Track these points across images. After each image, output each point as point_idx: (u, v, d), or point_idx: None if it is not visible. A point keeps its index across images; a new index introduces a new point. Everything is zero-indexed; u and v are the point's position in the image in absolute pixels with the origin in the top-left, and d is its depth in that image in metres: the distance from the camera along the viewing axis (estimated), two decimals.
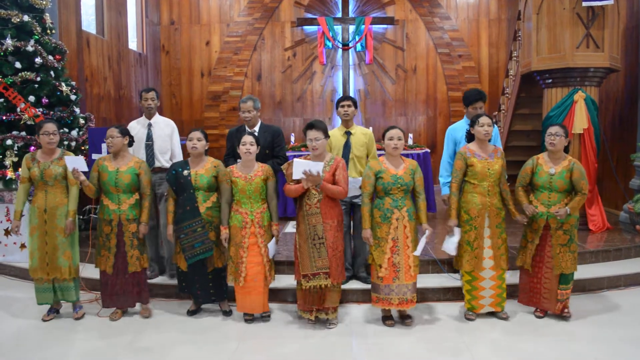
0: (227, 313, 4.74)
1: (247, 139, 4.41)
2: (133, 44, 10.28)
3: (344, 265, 4.49)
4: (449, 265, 5.24)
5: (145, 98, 5.37)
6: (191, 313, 4.79)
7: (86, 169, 4.48)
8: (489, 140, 4.46)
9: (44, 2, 6.60)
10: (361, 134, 5.06)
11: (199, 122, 10.68)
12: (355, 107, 5.07)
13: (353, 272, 5.20)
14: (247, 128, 5.08)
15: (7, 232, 6.27)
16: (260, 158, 4.59)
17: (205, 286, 4.65)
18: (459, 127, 5.05)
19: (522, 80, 7.28)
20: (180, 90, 11.01)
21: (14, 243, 6.28)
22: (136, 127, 5.41)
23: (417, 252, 4.25)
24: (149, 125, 5.38)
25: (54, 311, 4.80)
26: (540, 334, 4.23)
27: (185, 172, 4.54)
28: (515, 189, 4.54)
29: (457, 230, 4.39)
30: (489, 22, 10.81)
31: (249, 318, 4.58)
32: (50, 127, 4.56)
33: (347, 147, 5.00)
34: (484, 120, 4.35)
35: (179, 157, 5.38)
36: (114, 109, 9.22)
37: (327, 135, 4.38)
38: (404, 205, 4.26)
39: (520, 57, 7.41)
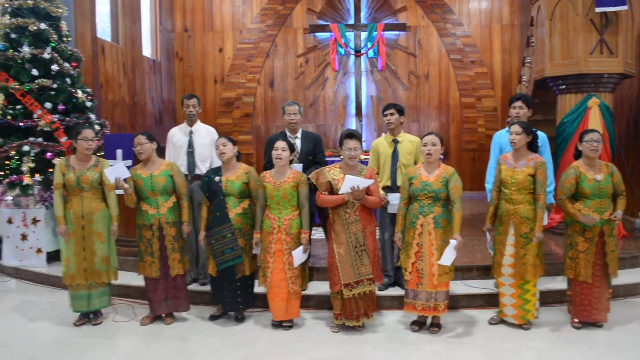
0: (240, 319, 4.73)
1: (279, 144, 4.41)
2: (147, 51, 10.37)
3: (380, 268, 4.54)
4: (468, 271, 5.23)
5: (187, 105, 5.37)
6: (213, 318, 4.77)
7: (127, 175, 4.49)
8: (534, 150, 4.38)
9: (60, 10, 6.69)
10: (408, 141, 5.00)
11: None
12: (401, 114, 5.02)
13: (395, 278, 5.17)
14: (288, 134, 5.09)
15: (24, 237, 6.35)
16: (304, 164, 4.62)
17: (234, 293, 4.62)
18: (504, 133, 4.95)
19: (535, 86, 7.25)
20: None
21: (30, 248, 6.34)
22: (177, 133, 5.43)
23: (442, 262, 4.16)
24: (191, 132, 5.38)
25: (84, 316, 4.78)
26: (578, 342, 4.19)
27: (217, 179, 4.55)
28: (561, 201, 4.38)
29: (488, 234, 4.47)
30: (502, 28, 10.79)
31: (275, 323, 4.57)
32: (89, 133, 4.59)
33: (394, 155, 4.95)
34: (512, 128, 4.32)
35: (218, 165, 5.38)
36: (129, 115, 9.30)
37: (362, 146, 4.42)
38: (431, 212, 4.22)
39: (533, 63, 7.39)
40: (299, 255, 4.37)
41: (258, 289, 4.72)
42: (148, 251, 4.60)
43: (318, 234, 5.62)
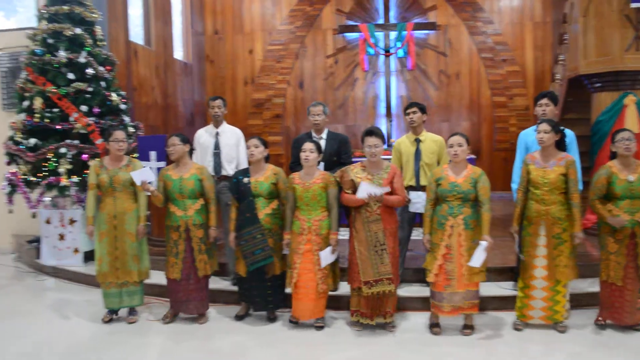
0: (272, 319, 4.77)
1: (307, 145, 4.44)
2: (179, 53, 10.51)
3: (399, 270, 4.50)
4: (501, 273, 5.14)
5: (212, 106, 5.44)
6: (239, 318, 4.82)
7: (153, 178, 4.60)
8: (562, 148, 4.30)
9: (95, 15, 6.83)
10: (431, 141, 4.97)
11: (243, 129, 10.47)
12: (423, 112, 4.99)
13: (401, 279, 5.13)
14: (314, 134, 5.10)
15: (61, 237, 6.51)
16: (328, 165, 4.61)
17: (264, 293, 4.66)
18: (530, 132, 4.85)
19: (569, 84, 7.12)
20: (225, 97, 11.17)
21: (68, 247, 6.51)
22: (204, 135, 5.49)
23: (472, 263, 4.13)
24: (217, 134, 5.44)
25: (112, 312, 4.90)
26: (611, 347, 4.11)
27: (246, 180, 4.60)
28: (591, 202, 4.32)
29: (516, 236, 4.37)
30: (534, 25, 10.60)
31: (294, 321, 4.59)
32: (120, 134, 4.70)
33: (417, 154, 4.93)
34: (541, 126, 4.24)
35: (244, 165, 5.37)
36: (161, 117, 9.44)
37: (384, 143, 4.39)
38: (460, 213, 4.19)
39: (567, 61, 7.26)
40: (326, 256, 4.38)
41: (288, 289, 4.72)
42: (173, 252, 4.69)
43: (347, 234, 5.61)
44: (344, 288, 5.07)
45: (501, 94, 10.56)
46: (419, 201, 4.77)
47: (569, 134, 4.66)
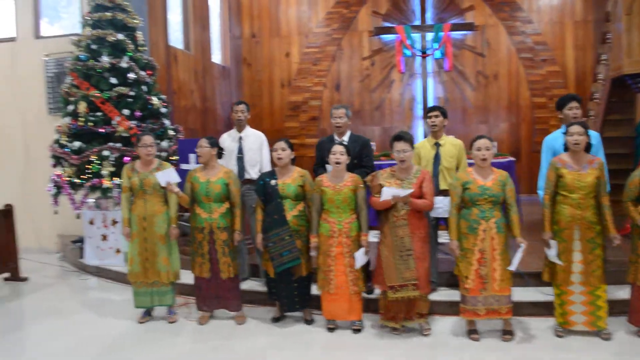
0: (309, 321, 4.79)
1: (337, 148, 4.43)
2: (217, 57, 10.67)
3: (429, 276, 4.43)
4: (534, 278, 5.03)
5: (235, 110, 5.51)
6: (275, 320, 4.86)
7: (178, 180, 4.68)
8: (588, 150, 4.20)
9: (136, 21, 6.99)
10: (451, 144, 4.95)
11: (280, 131, 10.89)
12: (445, 116, 4.96)
13: (437, 283, 5.08)
14: (336, 137, 5.10)
15: (104, 237, 6.67)
16: (348, 168, 4.60)
17: (291, 294, 4.69)
18: (557, 136, 4.76)
19: (612, 84, 6.95)
20: (262, 101, 11.30)
21: (110, 248, 6.67)
22: (227, 139, 5.56)
23: (512, 267, 4.11)
24: (240, 138, 5.51)
25: (147, 314, 5.02)
26: None
27: (273, 182, 4.62)
28: (625, 203, 4.22)
29: (553, 243, 4.20)
30: (575, 24, 10.36)
31: (332, 327, 4.60)
32: (148, 139, 4.82)
33: (436, 158, 4.90)
34: (574, 129, 4.12)
35: (268, 168, 5.43)
36: (200, 120, 9.59)
37: (413, 147, 4.34)
38: (492, 217, 4.14)
39: (609, 60, 7.08)
40: (361, 257, 4.38)
41: (315, 290, 4.74)
42: (199, 252, 4.77)
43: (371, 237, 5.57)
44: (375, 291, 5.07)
45: (541, 94, 10.35)
46: (440, 206, 4.70)
47: (595, 135, 4.56)
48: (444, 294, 5.02)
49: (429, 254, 4.44)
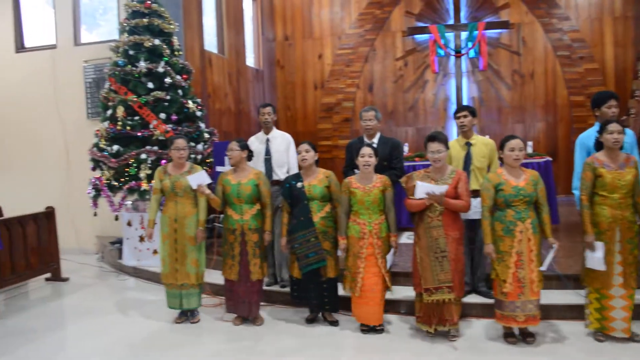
0: (334, 323, 4.77)
1: (365, 150, 4.43)
2: (250, 60, 10.76)
3: (464, 278, 4.39)
4: (574, 280, 4.91)
5: (262, 113, 5.56)
6: (309, 321, 4.86)
7: (209, 181, 4.74)
8: (621, 149, 4.09)
9: (172, 26, 7.09)
10: (482, 144, 4.88)
11: (313, 133, 10.93)
12: (473, 116, 4.90)
13: (472, 286, 5.02)
14: (365, 139, 5.08)
15: (142, 239, 6.79)
16: (378, 170, 4.58)
17: (320, 295, 4.71)
18: (591, 135, 4.57)
19: None
20: (295, 103, 11.36)
21: (147, 249, 6.77)
22: (255, 142, 5.58)
23: (544, 267, 4.05)
24: (267, 140, 5.55)
25: (184, 314, 5.08)
26: None
27: (299, 185, 4.65)
28: None
29: (599, 245, 4.06)
30: (614, 20, 10.10)
31: (365, 329, 4.56)
32: (181, 142, 4.89)
33: (467, 158, 4.84)
34: (613, 127, 4.01)
35: (295, 169, 5.42)
36: (234, 123, 9.68)
37: (447, 147, 4.30)
38: (528, 217, 4.06)
39: None
40: (390, 258, 4.40)
41: (342, 292, 4.72)
42: (230, 254, 4.80)
43: (405, 238, 5.52)
44: (401, 292, 5.07)
45: (579, 92, 10.12)
46: (471, 208, 4.60)
47: (630, 133, 4.43)
48: (475, 296, 4.97)
49: (463, 256, 4.40)
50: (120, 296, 6.08)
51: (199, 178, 4.70)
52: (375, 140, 5.08)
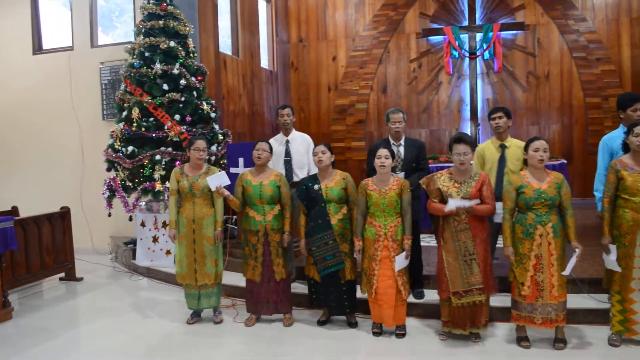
0: (353, 325, 4.76)
1: (382, 152, 4.39)
2: (264, 62, 10.78)
3: (493, 279, 4.35)
4: (594, 284, 4.86)
5: (281, 114, 5.56)
6: (321, 323, 4.85)
7: (228, 182, 4.71)
8: None
9: (187, 29, 7.12)
10: (517, 147, 4.83)
11: (326, 135, 10.93)
12: (508, 117, 4.85)
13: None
14: (392, 141, 5.06)
15: (155, 239, 6.82)
16: (406, 171, 4.56)
17: (340, 298, 4.67)
18: (615, 136, 4.54)
19: None
20: (309, 104, 11.37)
21: (160, 249, 6.80)
22: (274, 144, 5.54)
23: (566, 272, 3.99)
24: (287, 142, 5.55)
25: (196, 315, 5.11)
26: None
27: (316, 187, 4.62)
28: None
29: (612, 248, 4.03)
30: (631, 21, 9.96)
31: (377, 331, 4.55)
32: (201, 143, 4.88)
33: (502, 161, 4.79)
34: (639, 129, 3.94)
35: (315, 171, 5.32)
36: (248, 124, 9.71)
37: (473, 149, 4.26)
38: (549, 221, 4.00)
39: None
40: (401, 261, 4.33)
41: (360, 294, 4.70)
42: (252, 255, 4.79)
43: (432, 241, 5.49)
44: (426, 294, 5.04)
45: (595, 94, 10.01)
46: (501, 212, 4.52)
47: None
48: (497, 300, 4.87)
49: (490, 255, 4.37)
50: (134, 296, 6.11)
51: (219, 179, 4.69)
52: (402, 142, 5.07)
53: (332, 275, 4.59)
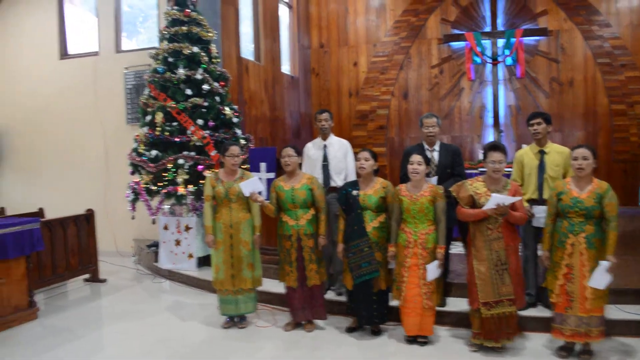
0: (376, 333, 4.71)
1: (415, 158, 4.35)
2: (286, 67, 10.82)
3: (524, 290, 4.28)
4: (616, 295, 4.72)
5: (319, 119, 5.52)
6: (350, 330, 4.79)
7: (262, 189, 4.72)
8: None
9: (210, 34, 7.16)
10: (556, 152, 4.71)
11: (347, 140, 10.83)
12: (548, 123, 4.76)
13: (537, 298, 4.87)
14: (426, 146, 5.02)
15: (177, 242, 6.87)
16: (441, 177, 4.50)
17: (369, 307, 4.59)
18: None
19: None
20: (330, 110, 11.31)
21: (183, 253, 6.82)
22: (312, 148, 5.58)
23: (592, 284, 3.83)
24: (325, 146, 5.50)
25: (231, 320, 5.07)
26: None
27: (355, 192, 4.57)
28: None
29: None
30: None
31: (410, 339, 4.48)
32: (235, 149, 4.87)
33: (541, 167, 4.70)
34: None
35: (353, 176, 5.33)
36: (269, 129, 9.74)
37: (507, 158, 4.22)
38: (582, 231, 3.89)
39: None
40: (433, 270, 4.24)
41: (393, 302, 4.64)
42: (287, 260, 4.77)
43: (456, 248, 5.48)
44: (450, 304, 4.97)
45: (620, 101, 9.88)
46: (543, 215, 4.43)
47: None
48: (535, 310, 4.79)
49: (521, 268, 4.28)
50: (156, 299, 6.15)
51: (252, 185, 4.69)
52: (436, 147, 5.03)
53: (364, 283, 4.52)
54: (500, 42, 10.18)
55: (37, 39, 9.08)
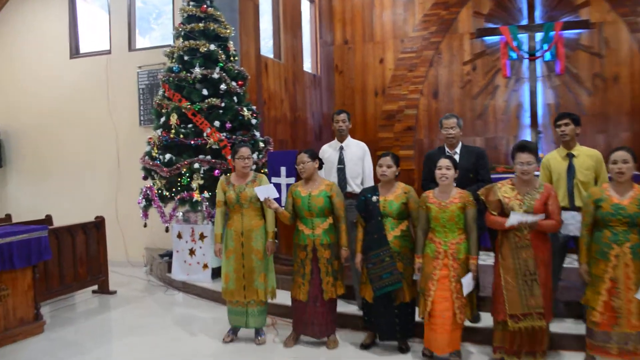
0: (404, 350, 4.42)
1: (443, 162, 4.11)
2: (307, 65, 10.49)
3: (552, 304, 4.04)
4: None
5: (336, 120, 5.32)
6: (365, 347, 4.54)
7: (277, 195, 4.52)
8: None
9: (228, 31, 6.90)
10: (586, 155, 4.47)
11: (373, 142, 10.39)
12: (576, 124, 4.51)
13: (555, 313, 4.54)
14: (447, 149, 4.79)
15: (192, 252, 6.54)
16: (463, 182, 4.28)
17: (391, 321, 4.38)
18: None
19: None
20: (354, 110, 10.89)
21: (197, 263, 6.58)
22: (328, 150, 5.38)
23: (638, 295, 3.64)
24: (341, 148, 5.28)
25: (233, 332, 4.85)
26: None
27: (374, 199, 4.36)
28: None
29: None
30: None
31: (427, 354, 4.21)
32: (245, 151, 4.68)
33: (570, 171, 4.44)
34: None
35: (370, 181, 5.18)
36: (290, 131, 9.40)
37: (538, 159, 3.95)
38: (627, 241, 3.69)
39: None
40: (469, 283, 4.02)
41: (418, 317, 4.37)
42: (300, 272, 4.57)
43: (490, 259, 5.26)
44: (482, 319, 4.71)
45: None
46: (572, 222, 4.29)
47: None
48: (567, 326, 4.53)
49: (552, 281, 4.06)
50: (168, 312, 5.89)
51: (267, 191, 4.48)
52: (458, 150, 4.82)
53: (386, 296, 4.30)
54: (539, 35, 9.57)
55: (47, 37, 8.92)
